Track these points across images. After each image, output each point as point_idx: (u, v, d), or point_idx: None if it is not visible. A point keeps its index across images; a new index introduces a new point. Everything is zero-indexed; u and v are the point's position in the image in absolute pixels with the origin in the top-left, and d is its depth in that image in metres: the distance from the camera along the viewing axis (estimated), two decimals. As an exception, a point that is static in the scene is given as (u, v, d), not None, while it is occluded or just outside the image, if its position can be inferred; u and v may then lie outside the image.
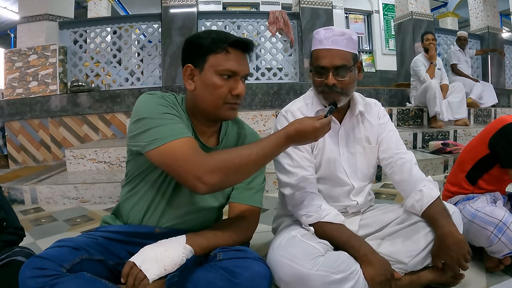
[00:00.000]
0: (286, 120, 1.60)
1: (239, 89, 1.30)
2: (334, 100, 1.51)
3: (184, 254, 1.24)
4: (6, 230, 1.57)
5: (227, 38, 1.30)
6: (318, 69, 1.51)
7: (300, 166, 1.55)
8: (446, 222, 1.42)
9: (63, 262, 1.17)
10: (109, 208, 3.05)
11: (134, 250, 1.36)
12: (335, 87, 1.48)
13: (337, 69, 1.47)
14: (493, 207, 1.63)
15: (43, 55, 5.15)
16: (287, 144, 1.27)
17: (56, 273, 1.13)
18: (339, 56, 1.47)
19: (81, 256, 1.23)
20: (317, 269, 1.28)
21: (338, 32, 1.49)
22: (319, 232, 1.45)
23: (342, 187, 1.64)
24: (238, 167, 1.20)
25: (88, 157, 3.77)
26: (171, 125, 1.23)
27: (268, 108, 5.05)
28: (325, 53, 1.48)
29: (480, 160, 1.83)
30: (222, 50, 1.29)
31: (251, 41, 1.34)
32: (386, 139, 1.65)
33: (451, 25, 11.14)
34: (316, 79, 1.54)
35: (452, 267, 1.44)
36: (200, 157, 1.18)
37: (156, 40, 5.42)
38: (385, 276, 1.34)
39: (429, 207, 1.47)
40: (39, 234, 2.41)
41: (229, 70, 1.29)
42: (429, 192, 1.49)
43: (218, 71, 1.29)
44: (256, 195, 1.51)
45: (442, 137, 4.65)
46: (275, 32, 5.49)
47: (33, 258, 1.18)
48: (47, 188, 3.21)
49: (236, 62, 1.30)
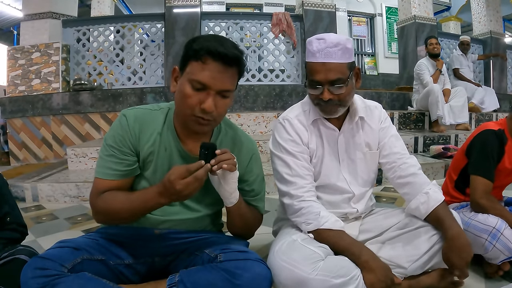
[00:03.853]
0: (283, 128, 1.58)
1: (205, 104, 1.21)
2: (331, 112, 1.50)
3: None
4: (9, 226, 1.57)
5: (208, 47, 1.21)
6: (313, 84, 1.46)
7: (298, 175, 1.53)
8: (454, 224, 1.41)
9: (64, 262, 1.18)
10: (110, 207, 3.05)
11: (135, 251, 1.38)
12: (331, 101, 1.45)
13: (332, 83, 1.43)
14: (486, 215, 1.63)
15: (46, 53, 5.15)
16: (159, 198, 1.23)
17: (57, 273, 1.14)
18: (334, 69, 1.41)
19: (82, 256, 1.24)
20: (317, 274, 1.27)
21: (331, 43, 1.41)
22: (319, 239, 1.45)
23: (342, 194, 1.63)
24: (116, 213, 1.29)
25: (90, 156, 3.77)
26: (105, 161, 1.33)
27: (270, 110, 5.06)
28: (319, 68, 1.43)
29: (462, 169, 1.86)
30: (200, 58, 1.22)
31: (235, 55, 1.24)
32: (388, 144, 1.62)
33: (454, 29, 11.13)
34: (311, 93, 1.50)
35: (462, 269, 1.39)
36: (94, 199, 1.33)
37: (159, 39, 5.43)
38: (385, 283, 1.34)
39: (436, 209, 1.46)
40: (40, 232, 2.42)
41: (199, 81, 1.21)
42: (435, 195, 1.48)
43: (189, 80, 1.22)
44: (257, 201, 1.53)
45: (443, 142, 4.65)
46: (278, 33, 5.49)
47: (34, 259, 1.20)
48: (48, 186, 3.21)
49: (210, 75, 1.21)
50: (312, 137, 1.58)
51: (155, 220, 1.39)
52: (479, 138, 1.78)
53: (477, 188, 1.70)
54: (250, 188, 1.49)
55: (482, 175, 1.71)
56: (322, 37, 1.44)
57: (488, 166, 1.72)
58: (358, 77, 1.53)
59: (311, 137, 1.58)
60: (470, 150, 1.81)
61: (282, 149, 1.56)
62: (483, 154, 1.73)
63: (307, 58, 1.49)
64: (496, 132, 1.75)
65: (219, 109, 1.26)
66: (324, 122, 1.58)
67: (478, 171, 1.73)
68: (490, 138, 1.74)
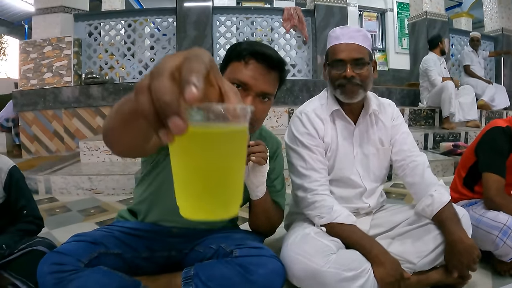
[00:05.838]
0: (300, 122, 1.61)
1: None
2: (352, 93, 1.52)
3: None
4: (26, 219, 1.61)
5: (253, 48, 1.21)
6: (336, 63, 1.51)
7: (313, 169, 1.55)
8: (455, 228, 1.44)
9: (81, 257, 1.20)
10: (122, 199, 3.11)
11: (152, 245, 1.39)
12: (354, 78, 1.48)
13: (355, 61, 1.48)
14: (497, 212, 1.64)
15: (58, 46, 5.18)
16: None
17: (74, 268, 1.16)
18: (357, 49, 1.48)
19: (99, 250, 1.26)
20: (329, 266, 1.31)
21: (354, 29, 1.51)
22: (331, 232, 1.47)
23: (354, 189, 1.65)
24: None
25: (102, 149, 3.81)
26: None
27: (280, 105, 5.05)
28: (343, 47, 1.49)
29: (471, 167, 1.87)
30: (242, 58, 1.21)
31: (278, 58, 1.23)
32: (399, 141, 1.64)
33: (465, 25, 11.02)
34: (333, 73, 1.53)
35: (462, 272, 1.46)
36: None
37: (171, 33, 5.44)
38: (394, 277, 1.37)
39: (439, 212, 1.48)
40: (53, 224, 2.45)
41: (239, 80, 1.19)
42: (440, 197, 1.50)
43: (230, 78, 1.20)
44: (278, 196, 1.55)
45: (453, 139, 4.63)
46: (289, 28, 5.48)
47: (50, 254, 1.21)
48: (61, 179, 3.26)
49: (251, 75, 1.19)
50: (328, 130, 1.60)
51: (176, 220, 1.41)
52: (488, 135, 1.79)
53: (491, 186, 1.70)
54: (271, 184, 1.51)
55: (494, 171, 1.71)
56: (344, 26, 1.54)
57: (499, 162, 1.72)
58: (375, 68, 1.57)
59: (327, 131, 1.60)
60: (479, 148, 1.81)
61: (298, 143, 1.58)
62: (493, 151, 1.74)
63: (329, 45, 1.55)
64: (504, 129, 1.75)
65: (258, 114, 1.23)
66: (341, 115, 1.61)
67: (489, 168, 1.73)
68: (499, 135, 1.74)
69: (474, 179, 1.85)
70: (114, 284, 1.17)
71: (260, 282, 1.22)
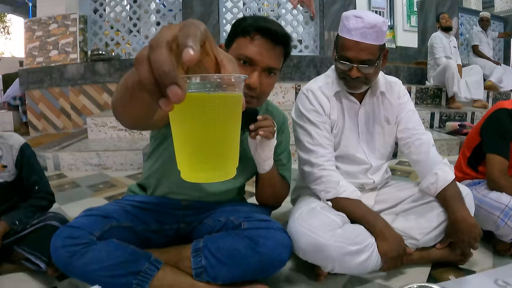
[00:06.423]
0: (307, 99, 1.61)
1: (251, 79, 1.19)
2: (355, 87, 1.53)
3: None
4: (38, 194, 1.64)
5: (258, 23, 1.21)
6: (343, 59, 1.47)
7: (319, 145, 1.57)
8: (459, 207, 1.46)
9: (93, 230, 1.23)
10: (130, 174, 3.15)
11: (162, 218, 1.42)
12: (358, 78, 1.47)
13: (362, 62, 1.44)
14: (499, 193, 1.64)
15: (64, 24, 5.15)
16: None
17: (86, 241, 1.19)
18: (366, 50, 1.42)
19: (111, 223, 1.29)
20: (334, 240, 1.34)
21: (368, 24, 1.40)
22: (337, 207, 1.50)
23: (360, 165, 1.67)
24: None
25: (110, 125, 3.84)
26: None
27: (287, 80, 5.00)
28: (352, 46, 1.43)
29: (475, 148, 1.87)
30: (248, 34, 1.21)
31: (283, 33, 1.23)
32: (405, 119, 1.65)
33: (475, 5, 10.76)
34: (339, 67, 1.52)
35: (463, 250, 1.49)
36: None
37: (177, 9, 5.37)
38: (397, 252, 1.40)
39: (443, 191, 1.50)
40: (63, 199, 2.49)
41: (245, 56, 1.20)
42: (444, 175, 1.51)
43: (236, 54, 1.21)
44: (284, 170, 1.56)
45: (460, 119, 4.61)
46: (297, 4, 5.39)
47: (63, 228, 1.24)
48: (69, 155, 3.30)
49: (257, 51, 1.20)
50: (334, 108, 1.61)
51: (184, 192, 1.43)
52: (493, 117, 1.79)
53: (494, 167, 1.71)
54: (278, 158, 1.52)
55: (498, 153, 1.71)
56: (360, 15, 1.43)
57: (503, 144, 1.73)
58: (385, 58, 1.53)
59: (333, 108, 1.61)
60: (484, 129, 1.81)
61: (304, 119, 1.59)
62: (498, 133, 1.74)
63: (340, 32, 1.49)
64: (509, 111, 1.74)
65: (264, 87, 1.24)
66: (346, 95, 1.61)
67: (493, 150, 1.73)
68: (504, 117, 1.74)
69: (478, 160, 1.86)
70: (125, 256, 1.21)
71: (268, 254, 1.25)
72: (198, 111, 0.46)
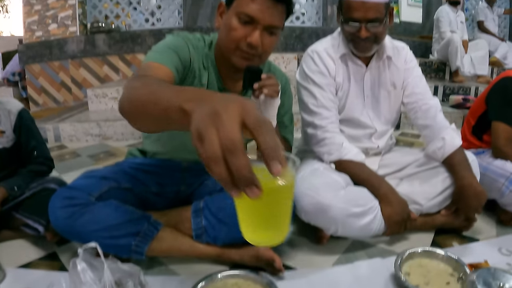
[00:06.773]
0: (312, 60, 1.58)
1: (252, 38, 1.15)
2: (364, 49, 1.48)
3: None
4: (37, 160, 1.63)
5: None
6: (350, 21, 1.43)
7: (324, 106, 1.54)
8: (466, 173, 1.44)
9: (92, 191, 1.22)
10: (131, 144, 3.14)
11: (162, 180, 1.40)
12: (367, 38, 1.43)
13: (370, 21, 1.40)
14: (504, 161, 1.63)
15: (62, -4, 5.09)
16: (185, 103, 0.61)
17: (85, 202, 1.18)
18: (373, 9, 1.38)
19: (109, 185, 1.28)
20: (337, 201, 1.31)
21: None
22: (340, 169, 1.48)
23: (364, 129, 1.65)
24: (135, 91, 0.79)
25: (110, 96, 3.82)
26: (160, 53, 1.12)
27: (289, 51, 4.93)
28: (359, 6, 1.39)
29: (480, 116, 1.85)
30: None
31: None
32: (412, 83, 1.61)
33: (482, -21, 10.63)
34: (347, 30, 1.48)
35: (469, 215, 1.48)
36: (131, 81, 0.91)
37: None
38: (401, 216, 1.39)
39: (451, 156, 1.48)
40: (63, 169, 2.49)
41: (247, 14, 1.15)
42: (452, 140, 1.49)
43: (237, 12, 1.16)
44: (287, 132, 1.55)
45: (463, 93, 4.57)
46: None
47: (62, 189, 1.23)
48: (70, 126, 3.28)
49: (259, 8, 1.15)
50: (339, 71, 1.57)
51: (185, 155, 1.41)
52: (500, 84, 1.76)
53: (499, 135, 1.69)
54: (280, 119, 1.49)
55: (504, 120, 1.69)
56: None
57: (509, 112, 1.70)
58: (391, 15, 1.49)
59: (338, 71, 1.57)
60: (489, 97, 1.79)
61: (309, 80, 1.56)
62: (504, 100, 1.71)
63: None
64: None
65: (265, 46, 1.20)
66: (352, 58, 1.57)
67: (499, 117, 1.71)
68: (511, 85, 1.71)
69: (483, 128, 1.84)
70: (125, 217, 1.20)
71: None
72: (265, 198, 0.49)
